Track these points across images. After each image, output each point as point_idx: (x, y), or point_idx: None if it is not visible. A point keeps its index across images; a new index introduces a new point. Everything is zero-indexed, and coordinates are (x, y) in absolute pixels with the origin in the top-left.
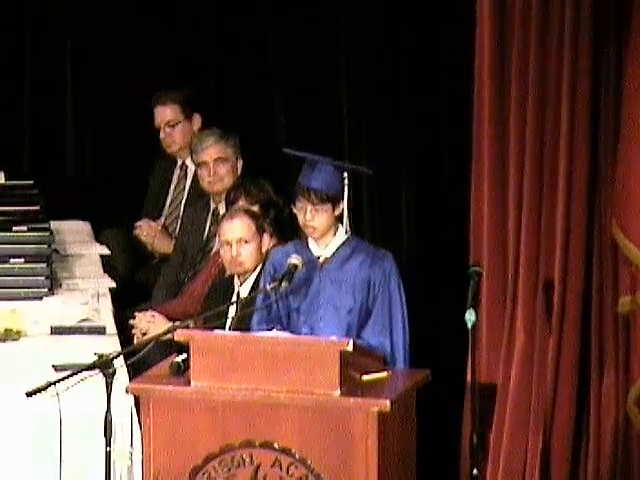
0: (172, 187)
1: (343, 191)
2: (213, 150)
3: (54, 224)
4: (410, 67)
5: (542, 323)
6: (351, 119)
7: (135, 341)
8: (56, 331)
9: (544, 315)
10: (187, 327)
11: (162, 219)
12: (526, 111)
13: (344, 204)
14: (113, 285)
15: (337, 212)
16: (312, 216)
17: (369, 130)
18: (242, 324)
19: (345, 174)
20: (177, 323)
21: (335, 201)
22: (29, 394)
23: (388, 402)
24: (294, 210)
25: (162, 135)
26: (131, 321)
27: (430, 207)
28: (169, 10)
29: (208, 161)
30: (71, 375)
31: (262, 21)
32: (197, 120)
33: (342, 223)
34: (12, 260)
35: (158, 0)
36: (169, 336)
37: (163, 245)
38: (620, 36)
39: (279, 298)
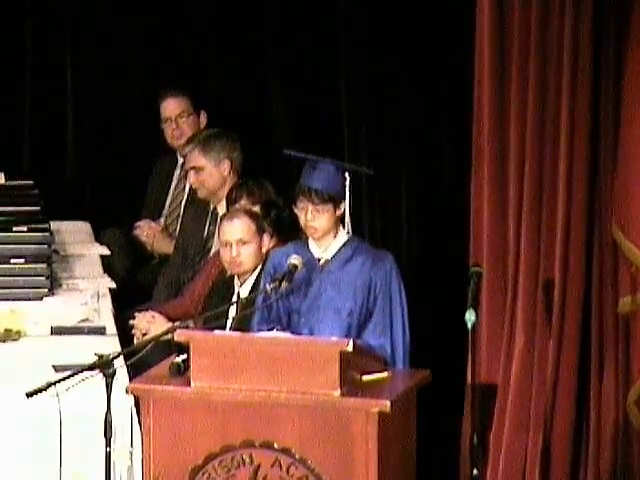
0: (172, 187)
1: (344, 191)
2: (190, 158)
3: (54, 224)
4: (410, 67)
5: (542, 323)
6: (351, 119)
7: (135, 341)
8: (56, 331)
9: (544, 315)
10: (187, 327)
11: (162, 219)
12: (526, 111)
13: (345, 205)
14: (113, 285)
15: (338, 213)
16: (313, 216)
17: (369, 130)
18: (242, 324)
19: (346, 174)
20: (177, 323)
21: (336, 201)
22: (29, 394)
23: (388, 402)
24: (295, 211)
25: (172, 127)
26: (131, 321)
27: (430, 207)
28: (169, 10)
29: (189, 170)
30: (71, 375)
31: (262, 21)
32: (204, 117)
33: (343, 224)
34: (12, 260)
35: (158, 0)
36: (169, 336)
37: (163, 245)
38: (620, 36)
39: (279, 298)
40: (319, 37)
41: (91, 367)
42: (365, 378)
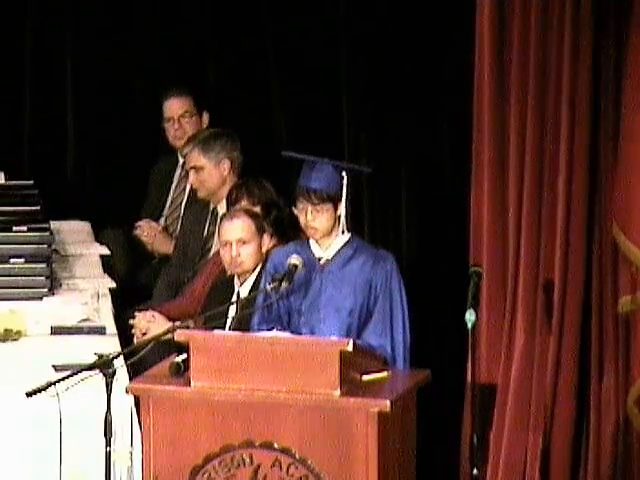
0: (172, 187)
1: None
2: (190, 158)
3: (54, 224)
4: (410, 67)
5: (542, 323)
6: (351, 119)
7: (135, 341)
8: (56, 331)
9: (544, 315)
10: (187, 327)
11: (162, 219)
12: (526, 111)
13: (342, 203)
14: (113, 285)
15: (339, 212)
16: (313, 217)
17: (369, 130)
18: (242, 324)
19: (344, 173)
20: (177, 323)
21: (336, 201)
22: (29, 394)
23: (388, 402)
24: (295, 211)
25: (174, 127)
26: (131, 321)
27: (430, 207)
28: (170, 10)
29: (189, 170)
30: (71, 375)
31: (262, 21)
32: (206, 117)
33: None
34: (12, 260)
35: (158, 0)
36: (169, 336)
37: (163, 245)
38: (620, 36)
39: (279, 298)
40: (319, 37)
41: (91, 367)
42: (365, 378)
